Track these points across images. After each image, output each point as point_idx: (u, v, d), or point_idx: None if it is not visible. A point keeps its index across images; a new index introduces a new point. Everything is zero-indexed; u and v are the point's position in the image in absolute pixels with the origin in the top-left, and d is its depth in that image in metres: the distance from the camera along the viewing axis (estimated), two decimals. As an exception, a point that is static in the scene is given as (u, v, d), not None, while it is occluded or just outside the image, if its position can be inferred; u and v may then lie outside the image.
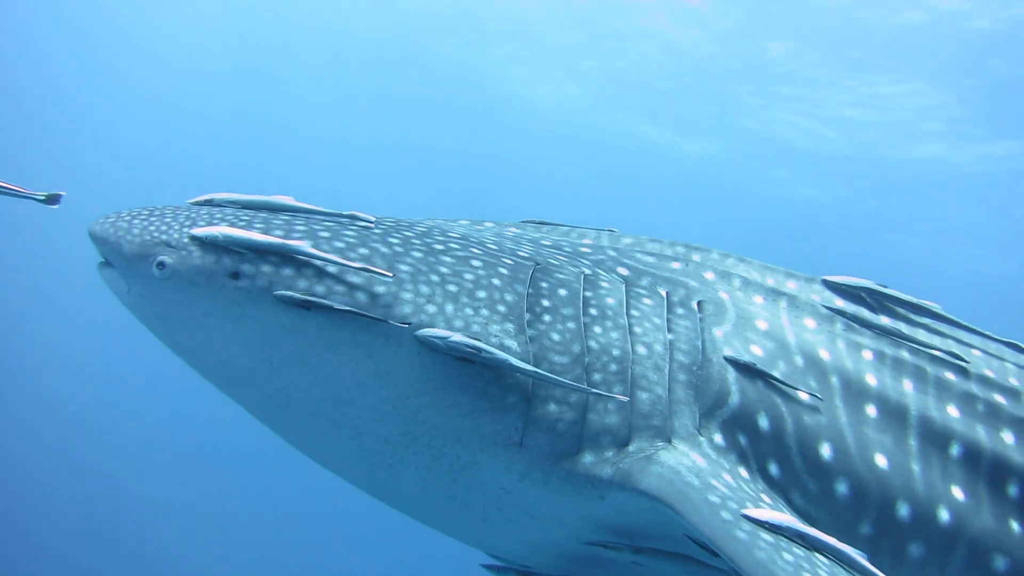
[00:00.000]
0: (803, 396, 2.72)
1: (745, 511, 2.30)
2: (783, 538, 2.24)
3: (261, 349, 2.46)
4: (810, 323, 2.98)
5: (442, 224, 3.08)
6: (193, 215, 2.57)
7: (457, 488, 2.61)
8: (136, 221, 2.54)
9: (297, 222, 2.60)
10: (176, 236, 2.47)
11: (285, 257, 2.43)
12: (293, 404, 2.55)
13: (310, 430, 2.63)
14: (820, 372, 2.84)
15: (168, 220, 2.54)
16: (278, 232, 2.50)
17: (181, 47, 20.21)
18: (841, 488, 2.65)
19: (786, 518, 2.29)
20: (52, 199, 2.51)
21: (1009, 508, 2.80)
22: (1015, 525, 2.77)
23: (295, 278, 2.40)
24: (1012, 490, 2.82)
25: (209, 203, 2.74)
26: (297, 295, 2.36)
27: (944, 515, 2.71)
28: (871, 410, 2.81)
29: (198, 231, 2.45)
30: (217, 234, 2.42)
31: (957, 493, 2.76)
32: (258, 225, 2.52)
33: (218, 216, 2.57)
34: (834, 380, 2.84)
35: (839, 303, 3.09)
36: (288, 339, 2.42)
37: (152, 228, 2.50)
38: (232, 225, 2.49)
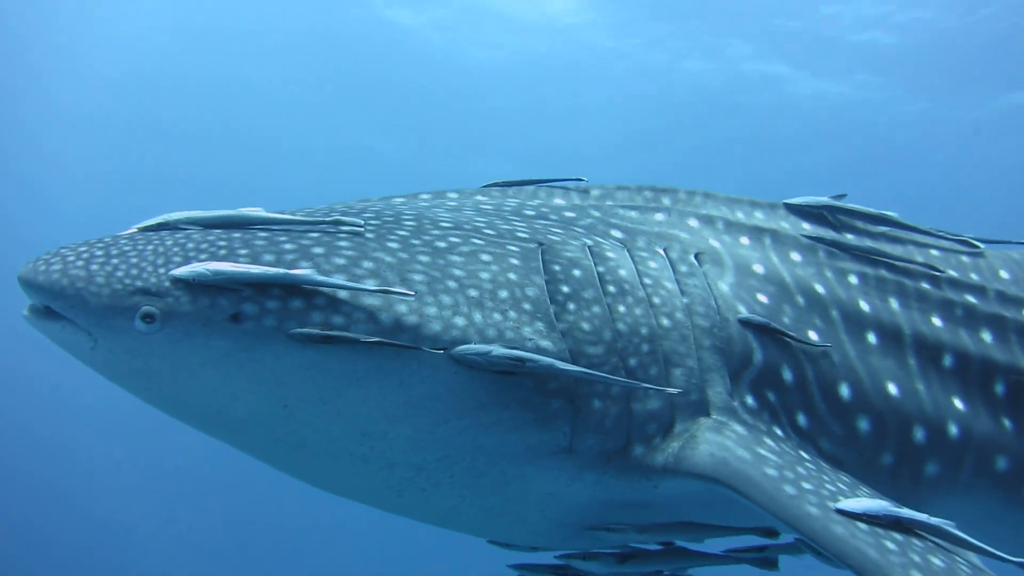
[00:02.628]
0: (815, 339, 2.71)
1: (839, 506, 2.19)
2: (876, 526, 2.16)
3: (272, 393, 2.14)
4: (796, 257, 2.96)
5: (421, 207, 2.79)
6: (160, 248, 2.16)
7: (496, 500, 2.45)
8: (95, 266, 2.10)
9: (281, 239, 2.26)
10: (155, 280, 2.07)
11: (288, 287, 2.11)
12: (310, 445, 2.27)
13: (329, 468, 2.38)
14: (821, 309, 2.83)
15: (134, 260, 2.12)
16: (268, 257, 2.16)
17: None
18: (863, 425, 2.69)
19: (880, 504, 2.20)
20: None
21: (999, 407, 2.94)
22: (1007, 423, 2.92)
23: (307, 311, 2.08)
24: (999, 388, 2.96)
25: (164, 226, 2.33)
26: (316, 331, 2.05)
27: (953, 429, 2.81)
28: (871, 338, 2.84)
29: (180, 271, 2.06)
30: (205, 271, 2.04)
31: (958, 404, 2.86)
32: (242, 251, 2.17)
33: (190, 246, 2.18)
34: (834, 314, 2.84)
35: (806, 227, 3.10)
36: (305, 378, 2.12)
37: (120, 273, 2.08)
38: (214, 257, 2.13)
